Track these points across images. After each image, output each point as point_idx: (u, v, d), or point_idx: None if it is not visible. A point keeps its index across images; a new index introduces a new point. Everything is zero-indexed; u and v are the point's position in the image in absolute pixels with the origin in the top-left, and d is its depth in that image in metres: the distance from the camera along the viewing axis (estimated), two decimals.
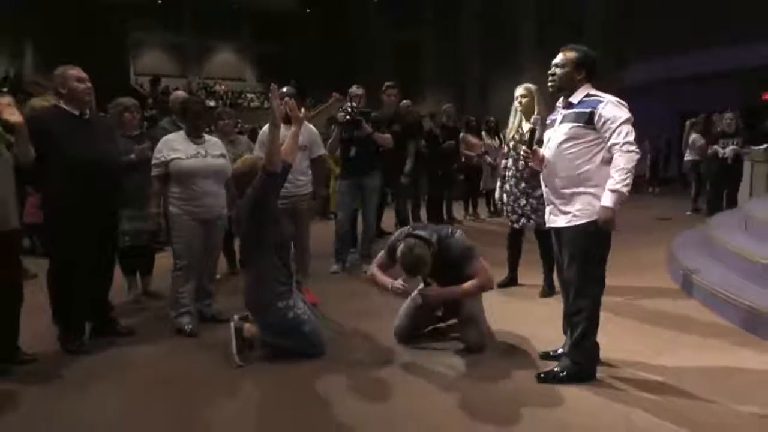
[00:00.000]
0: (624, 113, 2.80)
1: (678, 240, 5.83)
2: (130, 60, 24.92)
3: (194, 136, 3.87)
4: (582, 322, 2.87)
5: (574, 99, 2.92)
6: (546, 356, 3.23)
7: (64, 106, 3.47)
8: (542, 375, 2.95)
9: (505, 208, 4.75)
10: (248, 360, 3.29)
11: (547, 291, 4.54)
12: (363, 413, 2.71)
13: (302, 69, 25.52)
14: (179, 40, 25.83)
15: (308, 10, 27.12)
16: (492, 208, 8.87)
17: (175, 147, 3.78)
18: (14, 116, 3.13)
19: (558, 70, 2.94)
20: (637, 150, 2.79)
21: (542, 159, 3.03)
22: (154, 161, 3.81)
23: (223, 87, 24.97)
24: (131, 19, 23.91)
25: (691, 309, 4.18)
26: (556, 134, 2.97)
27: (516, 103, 4.57)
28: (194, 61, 26.49)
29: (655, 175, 14.60)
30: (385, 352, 3.48)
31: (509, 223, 4.75)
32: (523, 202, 4.55)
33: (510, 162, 4.63)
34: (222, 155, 3.95)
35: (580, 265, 2.86)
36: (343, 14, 26.65)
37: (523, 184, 4.54)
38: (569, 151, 2.87)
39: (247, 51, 27.42)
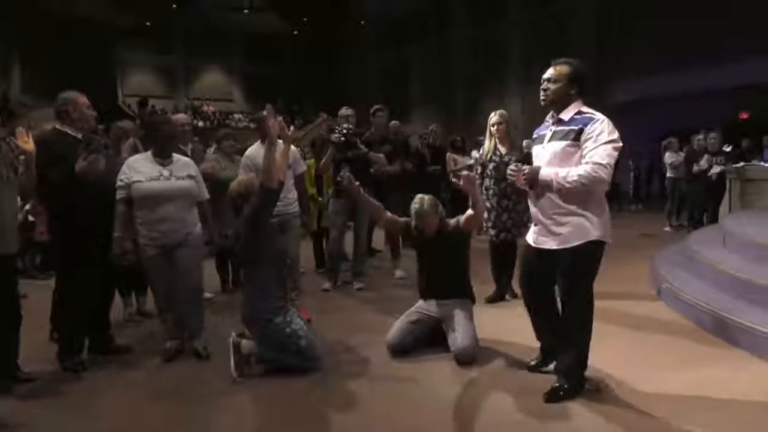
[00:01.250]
0: (611, 135, 2.77)
1: (660, 255, 6.00)
2: (119, 80, 25.03)
3: (161, 156, 3.67)
4: (575, 341, 2.93)
5: (565, 116, 2.90)
6: (534, 369, 3.31)
7: (67, 130, 3.58)
8: (547, 396, 2.94)
9: (485, 224, 4.95)
10: (246, 375, 3.37)
11: (515, 293, 4.81)
12: (358, 426, 2.80)
13: (290, 89, 25.81)
14: (167, 61, 25.96)
15: (296, 32, 27.44)
16: None
17: (138, 169, 3.59)
18: (29, 144, 3.25)
19: (551, 86, 2.91)
20: (605, 176, 2.74)
21: (527, 176, 2.96)
22: (118, 183, 3.58)
23: (211, 107, 25.08)
24: (119, 39, 24.09)
25: (668, 318, 4.35)
26: (544, 152, 2.96)
27: (493, 129, 4.91)
28: (182, 82, 26.61)
29: (637, 192, 14.89)
30: (378, 365, 3.58)
31: (491, 239, 4.97)
32: (505, 217, 4.85)
33: (490, 182, 4.91)
34: (190, 176, 3.73)
35: (570, 284, 2.93)
36: (332, 35, 27.03)
37: (506, 201, 4.84)
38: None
39: (236, 71, 27.61)
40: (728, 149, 8.93)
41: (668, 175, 9.99)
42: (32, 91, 21.18)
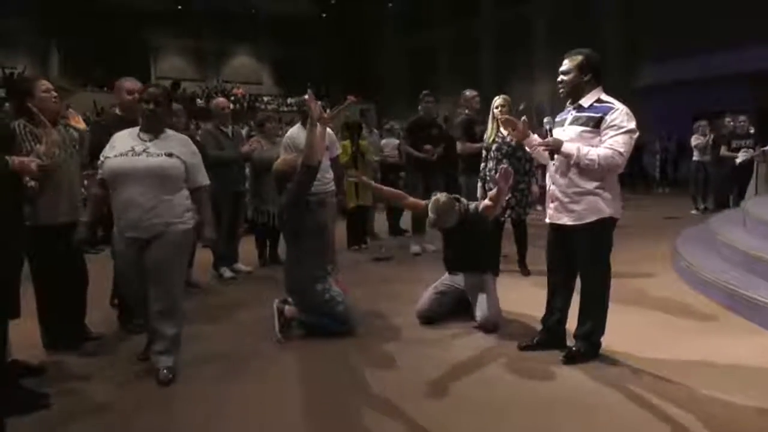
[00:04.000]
0: (630, 124, 2.98)
1: (682, 235, 6.16)
2: (151, 64, 25.59)
3: (147, 131, 3.11)
4: (593, 311, 3.17)
5: (585, 102, 3.09)
6: (525, 347, 3.42)
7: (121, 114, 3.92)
8: (565, 358, 3.19)
9: None
10: (288, 337, 3.71)
11: (526, 270, 5.28)
12: (390, 380, 3.10)
13: (318, 73, 26.02)
14: (198, 45, 26.40)
15: (324, 15, 27.60)
16: None
17: (114, 144, 3.09)
18: (80, 124, 3.60)
19: (564, 77, 3.13)
20: (621, 163, 2.96)
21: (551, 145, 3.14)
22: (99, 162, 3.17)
23: (240, 91, 25.48)
24: (151, 23, 24.60)
25: (686, 295, 4.55)
26: (564, 134, 3.15)
27: (496, 112, 5.23)
28: (213, 65, 27.06)
29: (665, 175, 14.84)
30: (408, 330, 3.89)
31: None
32: (508, 196, 5.04)
33: (492, 163, 5.21)
34: (170, 155, 3.05)
35: (587, 259, 3.16)
36: (359, 19, 27.11)
37: None
38: None
39: (264, 55, 27.94)
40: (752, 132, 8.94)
41: (693, 158, 10.04)
42: (68, 75, 21.89)
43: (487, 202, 3.92)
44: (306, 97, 3.47)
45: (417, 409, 2.74)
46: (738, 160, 8.31)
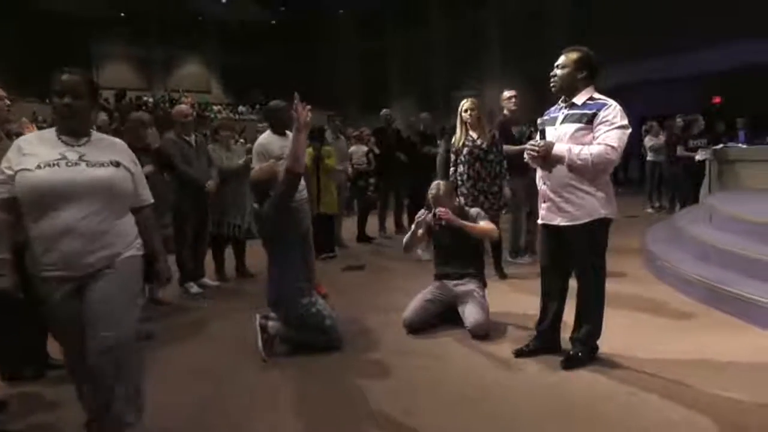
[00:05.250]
0: (623, 121, 2.94)
1: (649, 234, 6.27)
2: (94, 73, 24.59)
3: (69, 134, 2.30)
4: (591, 312, 3.12)
5: (578, 100, 3.04)
6: (520, 353, 3.34)
7: None
8: (565, 363, 3.13)
9: None
10: (272, 355, 3.51)
11: (503, 274, 5.31)
12: (385, 396, 2.96)
13: (268, 80, 25.63)
14: (143, 53, 25.60)
15: (273, 22, 27.27)
16: None
17: (29, 151, 2.22)
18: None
19: (559, 71, 3.06)
20: (615, 158, 2.91)
21: (542, 150, 3.07)
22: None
23: (189, 99, 24.79)
24: (93, 31, 23.68)
25: (665, 294, 4.59)
26: (556, 133, 3.08)
27: (465, 116, 5.15)
28: (159, 74, 26.28)
29: (615, 176, 15.26)
30: (397, 340, 3.75)
31: None
32: (481, 199, 5.09)
33: (463, 168, 5.15)
34: (117, 164, 2.31)
35: (584, 261, 3.12)
36: (309, 25, 26.91)
37: (480, 183, 5.11)
38: None
39: (213, 63, 27.36)
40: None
41: (648, 158, 10.33)
42: (5, 85, 20.72)
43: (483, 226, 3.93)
44: (295, 102, 3.32)
45: (419, 426, 2.62)
46: (698, 158, 8.56)
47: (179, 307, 4.88)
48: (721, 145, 8.30)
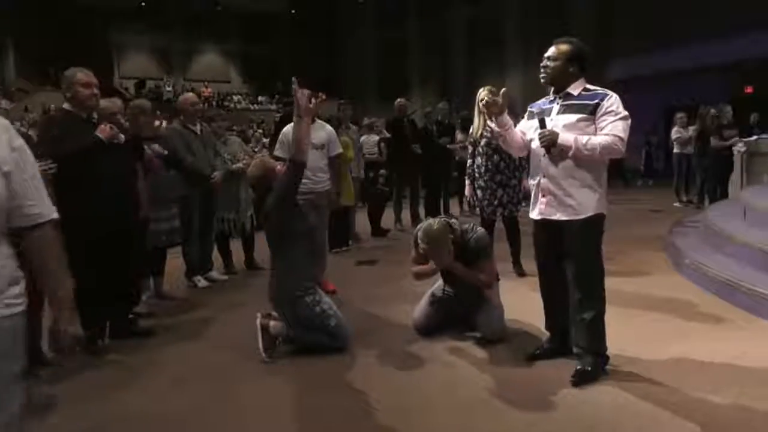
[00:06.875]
0: (625, 111, 2.83)
1: (676, 230, 5.97)
2: (115, 62, 24.74)
3: None
4: (592, 315, 2.89)
5: (573, 91, 2.91)
6: (532, 357, 3.18)
7: (72, 109, 3.50)
8: (575, 379, 2.88)
9: (480, 203, 5.04)
10: (274, 356, 3.33)
11: (522, 271, 5.01)
12: (392, 404, 2.77)
13: (288, 70, 25.48)
14: (164, 43, 25.63)
15: (293, 11, 27.07)
16: (465, 206, 8.80)
17: None
18: None
19: (550, 63, 2.94)
20: (622, 149, 2.81)
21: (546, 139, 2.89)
22: None
23: (208, 90, 24.81)
24: (115, 21, 23.77)
25: (695, 295, 4.29)
26: (554, 124, 2.90)
27: (482, 105, 4.71)
28: (179, 64, 26.32)
29: (649, 168, 14.82)
30: (406, 342, 3.54)
31: (484, 216, 5.02)
32: (500, 192, 4.89)
33: (481, 159, 4.92)
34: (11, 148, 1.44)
35: (582, 255, 2.91)
36: (329, 14, 26.71)
37: (499, 176, 4.88)
38: None
39: (233, 53, 27.31)
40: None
41: (675, 150, 9.92)
42: (26, 75, 20.95)
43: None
44: (293, 87, 3.12)
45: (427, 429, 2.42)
46: (737, 149, 8.15)
47: (186, 303, 4.73)
48: (755, 137, 7.93)
